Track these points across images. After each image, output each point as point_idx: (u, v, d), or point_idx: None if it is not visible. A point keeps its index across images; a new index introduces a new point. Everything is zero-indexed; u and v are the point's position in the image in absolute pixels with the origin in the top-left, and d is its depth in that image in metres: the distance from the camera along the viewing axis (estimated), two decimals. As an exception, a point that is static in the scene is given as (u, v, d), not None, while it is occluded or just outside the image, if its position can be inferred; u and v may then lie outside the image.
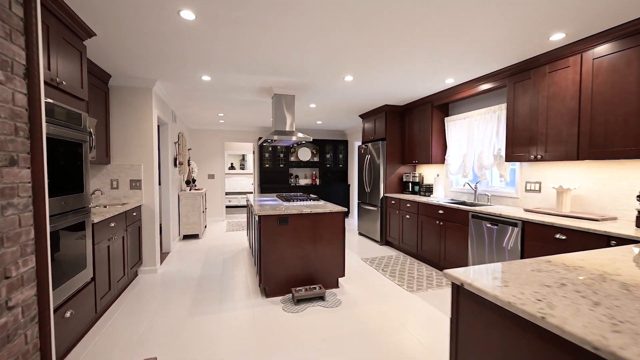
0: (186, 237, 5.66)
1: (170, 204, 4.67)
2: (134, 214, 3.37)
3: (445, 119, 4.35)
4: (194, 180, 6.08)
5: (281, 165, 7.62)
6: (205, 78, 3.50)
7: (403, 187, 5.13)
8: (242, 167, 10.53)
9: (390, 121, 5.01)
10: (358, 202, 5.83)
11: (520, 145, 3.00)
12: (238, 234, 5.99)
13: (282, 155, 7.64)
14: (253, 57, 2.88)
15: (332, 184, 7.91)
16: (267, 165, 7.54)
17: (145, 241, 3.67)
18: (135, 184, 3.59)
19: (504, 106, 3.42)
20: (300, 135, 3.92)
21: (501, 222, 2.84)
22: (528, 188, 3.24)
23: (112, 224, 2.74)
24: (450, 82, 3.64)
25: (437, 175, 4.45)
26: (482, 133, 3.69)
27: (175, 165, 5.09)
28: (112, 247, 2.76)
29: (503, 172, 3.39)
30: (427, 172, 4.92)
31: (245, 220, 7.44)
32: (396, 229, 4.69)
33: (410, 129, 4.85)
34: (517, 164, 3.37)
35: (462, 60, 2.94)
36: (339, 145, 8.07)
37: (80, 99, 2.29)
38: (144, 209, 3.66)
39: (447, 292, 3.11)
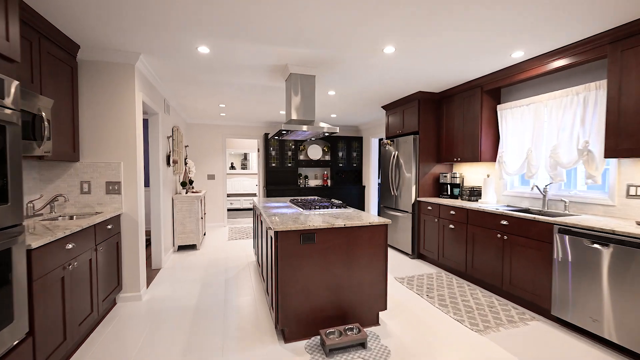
0: (182, 248, 4.86)
1: (161, 209, 3.88)
2: (109, 226, 2.57)
3: (498, 106, 3.54)
4: (191, 182, 5.28)
5: (289, 165, 6.83)
6: (203, 50, 2.70)
7: (439, 189, 4.33)
8: (244, 167, 9.74)
9: (424, 112, 4.21)
10: (381, 207, 5.03)
11: (632, 135, 2.20)
12: (242, 243, 5.19)
13: (290, 153, 6.85)
14: (265, 15, 2.08)
15: (345, 186, 7.10)
16: (273, 165, 6.74)
17: (126, 260, 2.88)
18: (113, 188, 2.79)
19: (592, 86, 2.61)
20: (323, 125, 3.13)
21: (619, 241, 2.04)
22: (631, 193, 2.44)
23: (71, 246, 1.94)
24: (518, 56, 2.83)
25: (488, 176, 3.64)
26: (557, 122, 2.88)
27: (168, 163, 4.29)
28: (71, 277, 1.97)
29: (593, 171, 2.59)
30: (470, 172, 4.11)
31: (250, 225, 6.64)
32: (433, 241, 3.88)
33: (449, 120, 4.05)
34: (611, 162, 2.57)
35: (540, 24, 2.14)
36: (352, 142, 7.27)
37: (4, 59, 1.49)
38: (124, 220, 2.86)
39: (526, 333, 2.30)
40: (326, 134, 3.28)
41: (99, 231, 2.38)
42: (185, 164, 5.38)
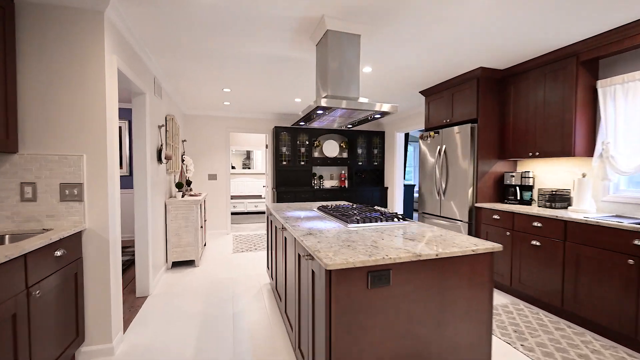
0: (177, 264, 3.96)
1: (149, 218, 2.98)
2: (59, 252, 1.67)
3: (599, 82, 2.65)
4: (188, 183, 4.38)
5: (302, 163, 5.93)
6: (204, -13, 1.81)
7: (502, 193, 3.44)
8: (246, 166, 8.85)
9: (485, 94, 3.32)
10: (420, 214, 4.14)
11: None
12: (249, 257, 4.29)
13: (303, 150, 5.95)
14: None
15: (364, 187, 6.21)
16: (284, 163, 5.85)
17: (90, 298, 1.98)
18: (71, 193, 1.90)
19: None
20: (382, 105, 2.23)
21: None
22: None
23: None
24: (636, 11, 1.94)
25: (583, 176, 2.75)
26: None
27: (159, 160, 3.40)
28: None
29: None
30: (545, 171, 3.22)
31: (256, 233, 5.74)
32: (503, 260, 2.99)
33: (520, 104, 3.16)
34: None
35: None
36: (373, 138, 6.37)
37: None
38: (87, 239, 1.97)
39: None
40: (375, 117, 2.38)
41: (36, 263, 1.48)
42: (182, 161, 4.48)
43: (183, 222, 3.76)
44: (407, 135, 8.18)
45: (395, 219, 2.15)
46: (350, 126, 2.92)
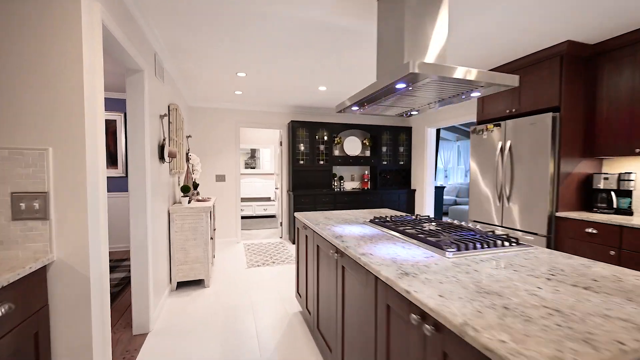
0: (183, 285, 3.29)
1: (150, 229, 2.32)
2: (3, 308, 1.01)
3: None
4: (195, 186, 3.72)
5: (321, 162, 5.27)
6: None
7: (589, 199, 2.78)
8: (249, 165, 8.19)
9: (569, 76, 2.66)
10: (473, 223, 3.49)
11: None
12: (267, 273, 3.63)
13: (322, 147, 5.28)
14: None
15: (389, 189, 5.55)
16: (301, 162, 5.18)
17: (62, 364, 1.32)
18: (30, 207, 1.24)
19: None
20: (513, 77, 1.55)
21: None
22: None
23: None
24: None
25: None
26: None
27: (161, 158, 2.74)
28: None
29: None
30: (644, 172, 2.56)
31: (269, 241, 5.06)
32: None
33: (621, 87, 2.50)
34: None
35: None
36: (400, 134, 5.71)
37: None
38: (56, 276, 1.30)
39: None
40: (473, 95, 1.71)
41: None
42: (188, 160, 3.82)
43: (190, 233, 3.10)
44: (437, 132, 7.52)
45: (506, 243, 1.48)
46: (410, 113, 2.26)
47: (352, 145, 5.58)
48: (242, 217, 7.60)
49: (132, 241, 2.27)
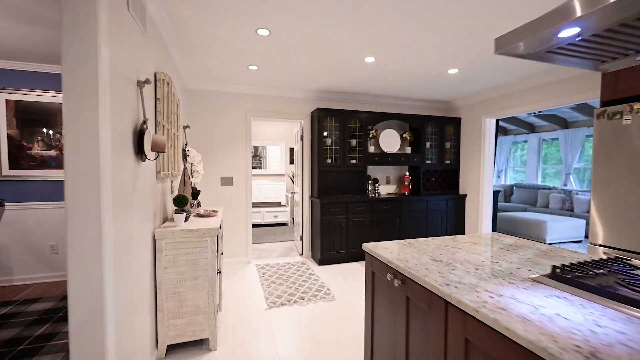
0: (176, 348, 2.19)
1: (108, 273, 1.23)
2: None
3: None
4: (195, 194, 2.63)
5: (352, 161, 4.18)
6: None
7: None
8: (254, 166, 7.10)
9: None
10: (591, 247, 2.41)
11: None
12: (296, 316, 2.53)
13: (354, 142, 4.20)
14: None
15: (433, 195, 4.49)
16: (328, 161, 4.09)
17: None
18: None
19: None
20: None
21: None
22: None
23: None
24: None
25: None
26: None
27: (139, 152, 1.64)
28: None
29: None
30: None
31: (286, 262, 3.94)
32: None
33: None
34: None
35: None
36: (445, 126, 4.64)
37: None
38: None
39: None
40: None
41: None
42: (185, 157, 2.73)
43: (188, 269, 2.01)
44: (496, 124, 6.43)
45: None
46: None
47: (390, 140, 4.50)
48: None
49: (70, 297, 1.18)
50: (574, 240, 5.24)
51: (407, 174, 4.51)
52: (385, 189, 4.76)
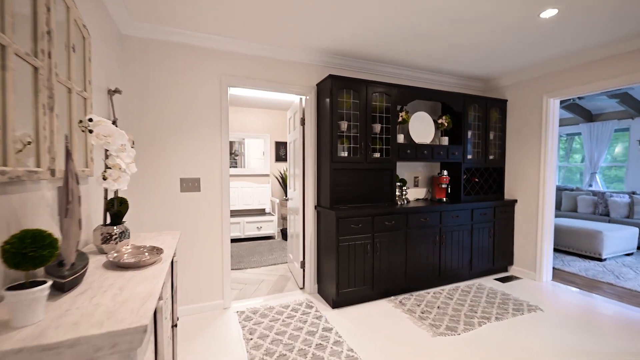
0: None
1: None
2: None
3: None
4: (119, 215, 1.22)
5: (376, 155, 2.92)
6: None
7: None
8: (233, 163, 5.69)
9: None
10: None
11: None
12: None
13: (379, 128, 2.93)
14: None
15: (476, 202, 3.36)
16: (343, 154, 2.80)
17: None
18: None
19: None
20: None
21: None
22: None
23: None
24: None
25: None
26: None
27: None
28: None
29: None
30: None
31: (282, 304, 2.57)
32: None
33: None
34: None
35: None
36: (491, 111, 3.52)
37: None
38: None
39: None
40: None
41: None
42: (90, 131, 1.31)
43: None
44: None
45: None
46: None
47: (422, 127, 3.30)
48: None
49: None
50: (627, 252, 4.35)
51: (446, 173, 3.34)
52: (413, 194, 3.56)
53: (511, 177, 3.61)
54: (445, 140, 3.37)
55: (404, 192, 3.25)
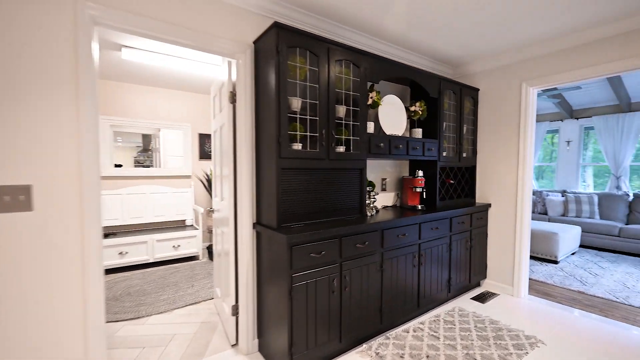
0: None
1: None
2: None
3: None
4: None
5: (340, 149, 2.08)
6: None
7: None
8: (143, 163, 4.35)
9: None
10: None
11: None
12: None
13: (343, 111, 2.09)
14: None
15: (453, 209, 2.81)
16: (296, 147, 1.89)
17: None
18: None
19: None
20: None
21: None
22: None
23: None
24: None
25: None
26: None
27: None
28: None
29: None
30: None
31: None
32: None
33: None
34: None
35: None
36: (465, 100, 2.99)
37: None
38: None
39: None
40: None
41: None
42: None
43: None
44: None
45: None
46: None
47: (394, 115, 2.58)
48: (123, 269, 3.65)
49: None
50: (573, 252, 4.37)
51: (421, 174, 2.67)
52: (380, 200, 2.82)
53: (484, 177, 3.16)
54: (418, 133, 2.70)
55: (373, 200, 2.48)
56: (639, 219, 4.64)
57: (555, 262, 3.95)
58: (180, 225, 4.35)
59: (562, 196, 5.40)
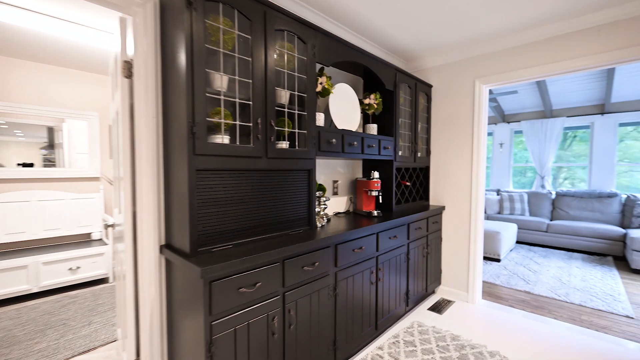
0: None
1: None
2: None
3: None
4: None
5: (281, 145, 1.63)
6: None
7: None
8: (50, 161, 3.39)
9: None
10: None
11: None
12: None
13: (289, 97, 1.64)
14: None
15: (410, 214, 2.57)
16: (219, 139, 1.38)
17: None
18: None
19: None
20: None
21: None
22: None
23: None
24: None
25: None
26: None
27: None
28: None
29: None
30: None
31: None
32: None
33: None
34: None
35: None
36: (419, 96, 2.76)
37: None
38: None
39: None
40: None
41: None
42: None
43: None
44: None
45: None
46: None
47: (346, 107, 2.21)
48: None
49: None
50: (511, 249, 4.55)
51: (377, 175, 2.34)
52: (331, 206, 2.43)
53: (437, 178, 2.99)
54: (373, 129, 2.38)
55: (324, 206, 2.07)
56: (561, 215, 5.05)
57: (498, 260, 4.03)
58: (83, 240, 3.45)
59: (498, 195, 5.69)
